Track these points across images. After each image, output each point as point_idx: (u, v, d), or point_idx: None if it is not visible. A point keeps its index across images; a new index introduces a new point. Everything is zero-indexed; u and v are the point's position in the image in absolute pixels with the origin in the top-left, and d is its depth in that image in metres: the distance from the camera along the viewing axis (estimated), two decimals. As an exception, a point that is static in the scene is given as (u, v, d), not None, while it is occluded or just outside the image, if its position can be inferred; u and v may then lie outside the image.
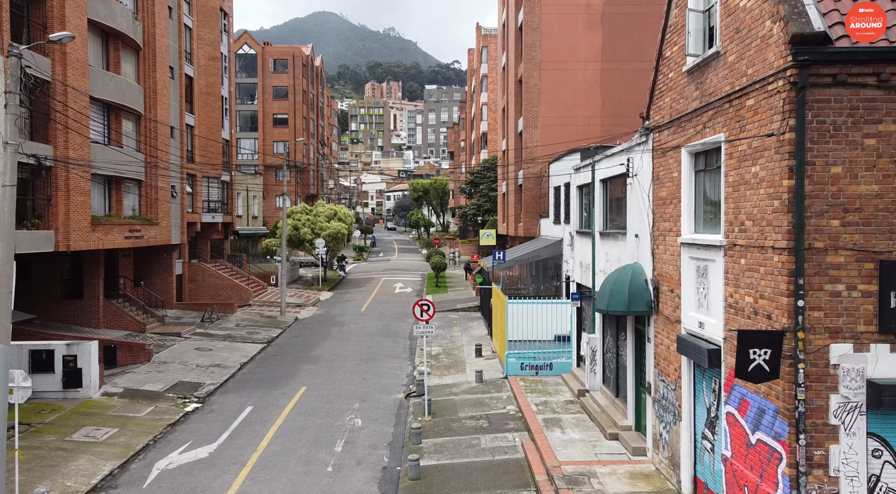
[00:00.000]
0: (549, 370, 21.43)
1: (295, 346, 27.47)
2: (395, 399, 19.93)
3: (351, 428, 17.27)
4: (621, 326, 16.19)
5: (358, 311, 36.18)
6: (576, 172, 21.21)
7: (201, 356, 24.57)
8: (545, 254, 28.73)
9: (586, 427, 16.02)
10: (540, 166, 34.71)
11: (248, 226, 47.37)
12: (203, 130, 36.33)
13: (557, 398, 18.77)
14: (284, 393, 20.45)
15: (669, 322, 12.37)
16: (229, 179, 41.78)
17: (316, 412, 18.62)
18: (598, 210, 18.02)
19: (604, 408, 16.51)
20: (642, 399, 14.61)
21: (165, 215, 30.20)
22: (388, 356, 25.63)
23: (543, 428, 15.96)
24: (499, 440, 15.92)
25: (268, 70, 66.80)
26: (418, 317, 18.23)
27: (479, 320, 33.13)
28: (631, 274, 13.84)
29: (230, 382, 21.99)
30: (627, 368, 15.27)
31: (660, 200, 12.85)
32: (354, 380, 22.00)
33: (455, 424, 17.28)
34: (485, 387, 20.68)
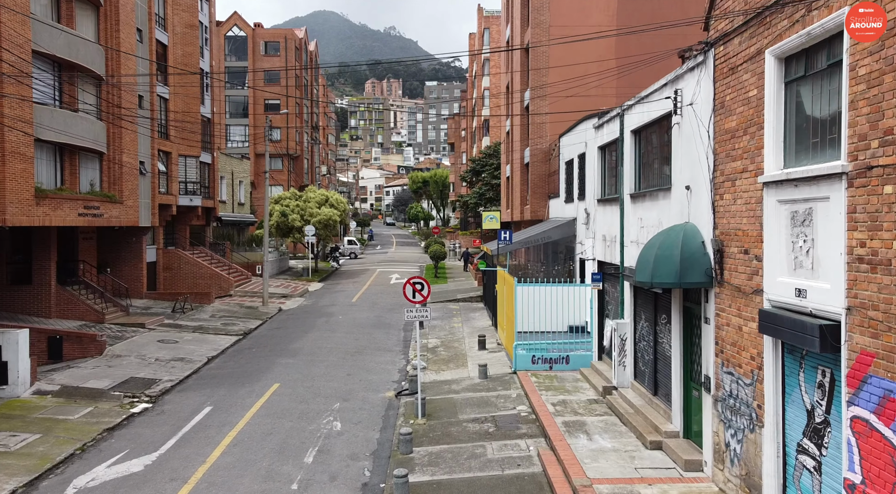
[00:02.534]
0: (566, 363, 18.27)
1: (274, 338, 24.30)
2: (384, 398, 16.78)
3: (327, 433, 14.12)
4: (662, 306, 13.02)
5: (349, 301, 33.02)
6: (597, 131, 18.05)
7: (163, 349, 21.41)
8: (556, 235, 25.57)
9: (618, 433, 12.86)
10: (549, 142, 31.58)
11: (234, 213, 44.15)
12: (179, 104, 33.14)
13: (578, 396, 15.60)
14: (252, 391, 17.30)
15: (741, 295, 9.20)
16: (211, 160, 38.59)
17: (287, 413, 15.46)
18: (627, 169, 14.85)
19: (638, 409, 13.35)
20: (693, 398, 11.45)
21: (132, 194, 27.02)
22: (378, 348, 22.47)
23: (565, 434, 12.80)
24: (509, 448, 12.76)
25: (258, 53, 63.58)
26: (410, 298, 15.05)
27: (481, 310, 29.96)
28: (682, 236, 10.67)
29: (192, 378, 18.83)
30: (672, 359, 12.10)
31: (726, 134, 9.68)
32: (337, 376, 18.84)
33: (455, 428, 14.13)
34: (490, 384, 17.53)
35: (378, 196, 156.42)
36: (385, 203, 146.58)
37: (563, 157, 26.48)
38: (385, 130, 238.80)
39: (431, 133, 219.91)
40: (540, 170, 31.78)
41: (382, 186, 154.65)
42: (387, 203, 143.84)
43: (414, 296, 15.01)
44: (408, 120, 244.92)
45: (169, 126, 32.60)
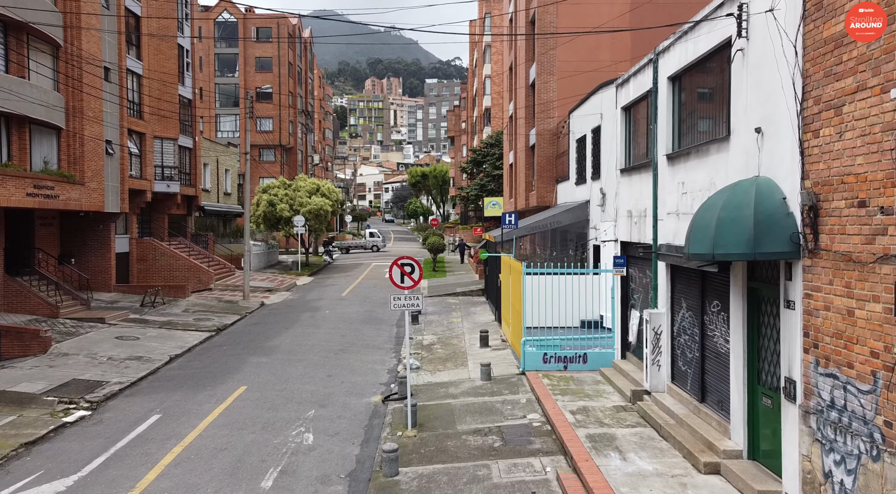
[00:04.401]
0: (583, 362, 15.59)
1: (250, 335, 21.63)
2: (368, 404, 14.12)
3: (295, 448, 11.45)
4: (713, 290, 10.34)
5: (338, 296, 30.34)
6: (620, 90, 15.38)
7: (120, 347, 18.73)
8: (567, 219, 22.88)
9: (658, 451, 10.18)
10: (556, 122, 28.91)
11: (219, 203, 41.43)
12: (154, 81, 30.46)
13: (601, 402, 12.93)
14: (213, 395, 14.62)
15: (852, 265, 6.54)
16: (192, 145, 35.91)
17: (250, 422, 12.80)
18: (663, 125, 12.18)
19: (681, 419, 10.67)
20: (761, 407, 8.79)
21: (96, 175, 24.35)
22: (366, 346, 19.80)
23: (591, 451, 10.12)
24: (520, 469, 10.09)
25: (250, 39, 60.90)
26: (398, 283, 12.36)
27: (483, 305, 27.31)
28: (754, 192, 7.99)
29: (147, 380, 16.16)
30: (731, 356, 9.42)
31: (826, 44, 7.00)
32: (316, 377, 16.18)
33: (452, 442, 11.46)
34: (494, 387, 14.86)
35: (377, 193, 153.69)
36: (384, 200, 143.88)
37: (573, 134, 23.83)
38: (385, 128, 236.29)
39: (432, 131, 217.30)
40: (547, 152, 29.10)
41: (381, 182, 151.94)
42: (386, 200, 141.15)
43: (402, 280, 12.33)
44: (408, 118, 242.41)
45: (143, 105, 29.91)
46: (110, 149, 25.81)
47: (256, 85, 61.22)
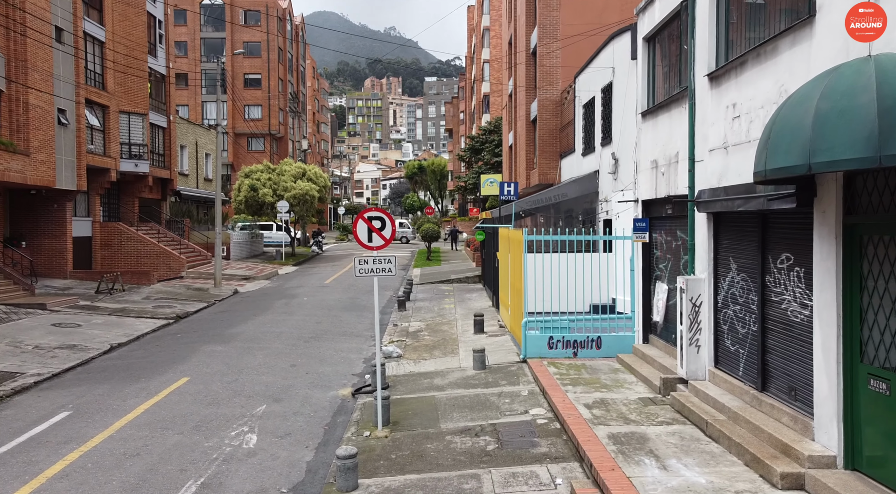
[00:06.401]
0: (596, 348, 12.93)
1: (213, 322, 18.97)
2: (335, 398, 11.47)
3: (230, 454, 8.79)
4: (781, 238, 7.68)
5: (320, 284, 27.68)
6: (642, 16, 12.74)
7: (53, 335, 16.08)
8: (573, 192, 20.28)
9: (709, 456, 7.51)
10: (559, 90, 26.27)
11: (199, 189, 38.72)
12: (120, 51, 27.79)
13: (623, 393, 10.26)
14: (145, 388, 11.96)
15: None
16: (166, 124, 33.26)
17: (180, 421, 10.13)
18: (703, 39, 9.54)
19: (736, 414, 8.00)
20: (865, 395, 6.13)
21: (45, 146, 21.71)
22: (344, 333, 17.14)
23: (617, 458, 7.46)
24: (520, 482, 7.43)
25: (237, 23, 58.26)
26: (364, 243, 9.66)
27: (479, 291, 24.67)
28: (873, 72, 5.32)
29: (74, 371, 13.49)
30: (817, 325, 6.75)
31: None
32: (277, 367, 13.52)
33: (432, 444, 8.81)
34: (489, 376, 12.20)
35: (374, 190, 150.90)
36: (381, 197, 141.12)
37: (579, 100, 21.27)
38: (384, 127, 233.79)
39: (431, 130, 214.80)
40: (550, 124, 26.46)
41: (379, 179, 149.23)
42: (383, 197, 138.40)
43: (370, 239, 9.64)
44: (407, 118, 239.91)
45: (106, 75, 27.26)
46: (63, 118, 23.16)
47: (245, 71, 58.67)
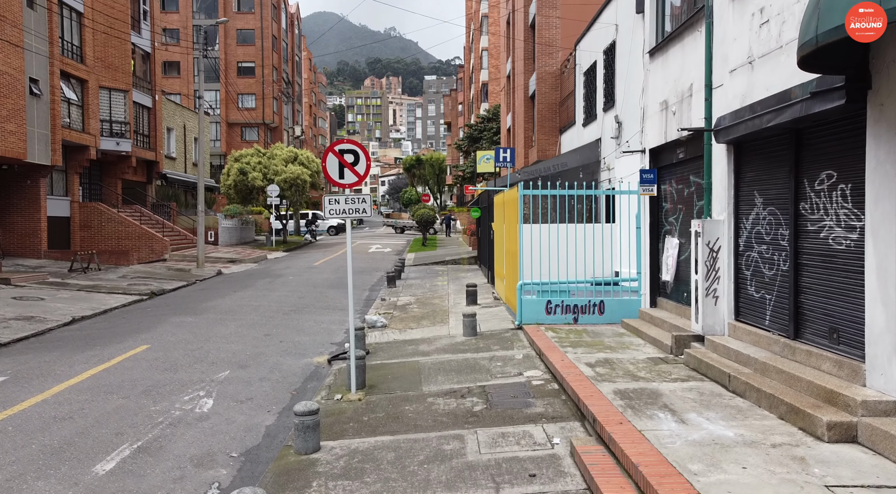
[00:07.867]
0: (598, 313, 11.74)
1: (189, 298, 17.78)
2: (308, 365, 10.28)
3: (179, 418, 7.61)
4: (821, 154, 6.49)
5: (309, 265, 26.50)
6: (648, -55, 11.56)
7: (11, 307, 14.90)
8: (574, 161, 19.12)
9: (734, 410, 6.32)
10: (559, 63, 25.11)
11: (187, 173, 37.51)
12: (100, 23, 26.62)
13: (630, 354, 9.07)
14: (97, 356, 10.78)
15: None
16: (152, 104, 32.08)
17: (128, 386, 8.96)
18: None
19: (765, 365, 6.81)
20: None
21: (13, 116, 20.53)
22: (327, 307, 15.95)
23: (626, 412, 6.27)
24: (510, 441, 6.24)
25: (231, 10, 57.08)
26: (335, 179, 8.45)
27: (474, 271, 23.50)
28: None
29: (26, 341, 12.30)
30: (870, 249, 5.57)
31: None
32: (248, 337, 12.32)
33: (411, 405, 7.63)
34: (481, 342, 11.02)
35: (373, 187, 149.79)
36: (380, 194, 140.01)
37: (579, 68, 20.18)
38: (383, 125, 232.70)
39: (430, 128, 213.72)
40: (549, 98, 25.29)
41: (378, 175, 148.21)
42: (382, 193, 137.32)
43: (341, 175, 8.44)
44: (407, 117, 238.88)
45: (84, 47, 26.07)
46: (36, 88, 21.98)
47: (238, 59, 57.49)
